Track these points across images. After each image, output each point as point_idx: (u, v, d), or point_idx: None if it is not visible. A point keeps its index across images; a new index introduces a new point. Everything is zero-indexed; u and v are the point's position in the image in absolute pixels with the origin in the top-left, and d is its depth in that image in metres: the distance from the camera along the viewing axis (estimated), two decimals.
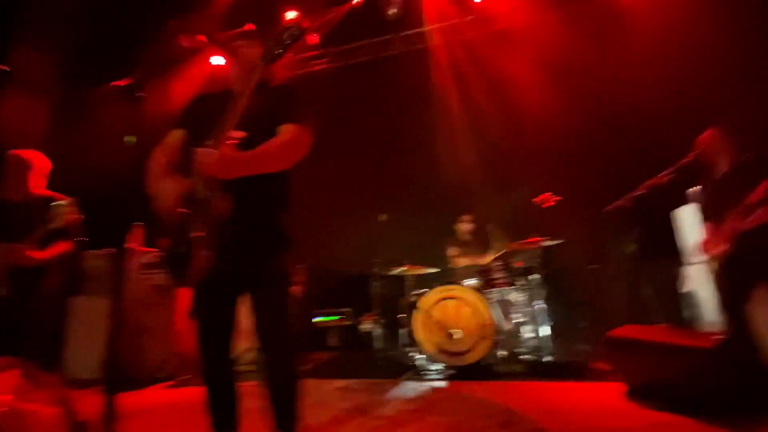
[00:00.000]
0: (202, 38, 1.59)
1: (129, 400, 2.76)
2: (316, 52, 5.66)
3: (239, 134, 1.40)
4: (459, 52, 5.35)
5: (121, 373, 1.46)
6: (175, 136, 1.64)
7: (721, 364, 1.88)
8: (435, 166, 5.18)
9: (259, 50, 1.68)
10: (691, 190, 3.19)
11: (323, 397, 2.71)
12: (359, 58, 5.66)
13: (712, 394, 1.93)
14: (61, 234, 2.12)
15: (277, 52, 1.41)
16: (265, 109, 1.52)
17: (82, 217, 2.25)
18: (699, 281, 3.32)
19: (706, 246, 2.62)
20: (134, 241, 3.62)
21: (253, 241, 1.50)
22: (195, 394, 1.61)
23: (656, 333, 2.36)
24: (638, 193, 2.90)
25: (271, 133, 1.49)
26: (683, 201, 3.40)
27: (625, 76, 4.39)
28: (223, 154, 1.35)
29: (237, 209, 1.41)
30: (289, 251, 1.58)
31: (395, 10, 5.08)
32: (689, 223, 3.40)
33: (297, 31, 1.38)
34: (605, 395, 2.42)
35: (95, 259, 3.70)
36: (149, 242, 3.39)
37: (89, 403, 1.94)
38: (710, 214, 2.67)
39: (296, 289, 4.49)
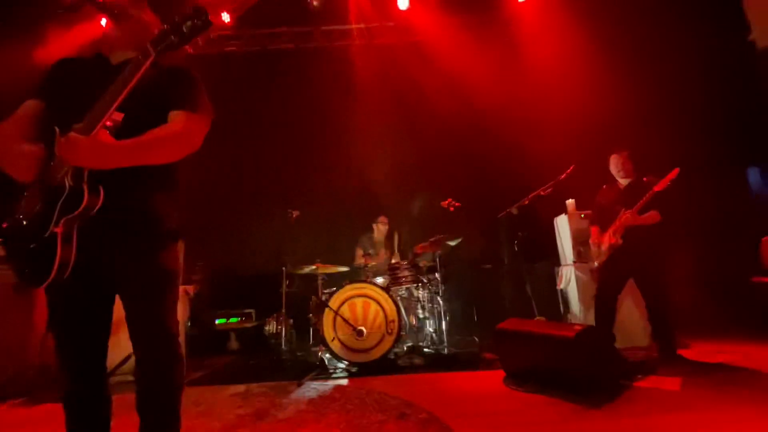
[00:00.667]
0: None
1: None
2: (229, 32, 5.26)
3: (117, 116, 1.19)
4: (378, 55, 5.46)
5: None
6: (31, 107, 1.36)
7: (579, 350, 2.22)
8: (349, 166, 5.22)
9: (149, 16, 1.50)
10: (568, 201, 3.74)
11: (218, 403, 2.54)
12: (277, 45, 5.41)
13: (572, 375, 2.26)
14: None
15: (172, 41, 1.19)
16: (153, 90, 1.31)
17: None
18: (570, 280, 3.88)
19: (594, 241, 3.09)
20: None
21: (126, 236, 1.29)
22: (52, 412, 1.37)
23: (532, 325, 2.70)
24: (524, 202, 3.29)
25: (156, 117, 1.30)
26: (561, 210, 3.96)
27: (521, 97, 4.95)
28: (97, 141, 1.13)
29: (108, 200, 1.22)
30: (172, 246, 1.39)
31: (317, 2, 4.98)
32: (565, 229, 3.95)
33: (201, 23, 1.18)
34: (490, 382, 2.68)
35: None
36: None
37: None
38: (600, 218, 3.16)
39: (189, 288, 4.17)
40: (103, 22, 4.57)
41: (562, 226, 4.03)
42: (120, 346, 2.10)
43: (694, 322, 3.72)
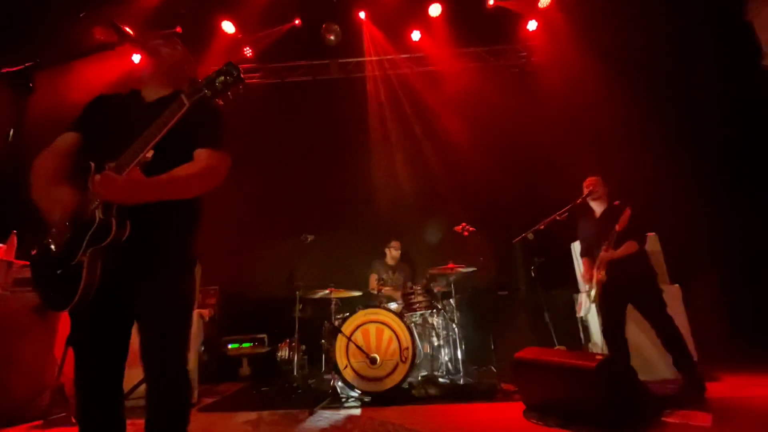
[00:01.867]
0: (116, 37, 1.44)
1: None
2: (249, 65, 5.54)
3: (147, 153, 1.27)
4: (393, 86, 5.64)
5: None
6: (67, 139, 1.44)
7: (600, 382, 2.12)
8: (363, 191, 5.28)
9: (181, 53, 1.61)
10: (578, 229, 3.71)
11: (229, 431, 2.49)
12: (294, 77, 5.65)
13: (595, 408, 2.15)
14: None
15: (205, 94, 1.29)
16: (180, 126, 1.37)
17: None
18: (589, 307, 3.76)
19: (585, 277, 3.13)
20: (7, 251, 3.08)
21: (148, 264, 1.35)
22: None
23: (551, 354, 2.60)
24: (540, 227, 3.26)
25: (183, 154, 1.38)
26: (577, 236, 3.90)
27: (535, 122, 5.00)
28: (130, 180, 1.21)
29: (133, 232, 1.28)
30: (190, 273, 1.44)
31: (334, 37, 5.22)
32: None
33: (232, 79, 1.28)
34: (509, 414, 2.58)
35: None
36: (25, 254, 2.92)
37: None
38: (588, 250, 3.20)
39: (204, 312, 4.19)
40: (137, 58, 4.89)
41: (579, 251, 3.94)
42: (135, 371, 2.11)
43: (723, 355, 3.54)
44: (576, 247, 4.10)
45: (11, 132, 1.07)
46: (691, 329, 3.23)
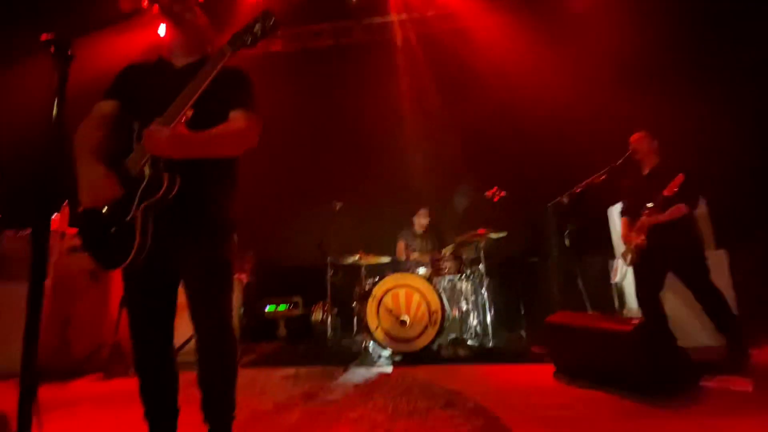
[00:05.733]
0: (145, 2, 1.46)
1: (54, 393, 2.57)
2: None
3: (188, 111, 1.32)
4: (420, 46, 5.39)
5: (45, 364, 1.33)
6: (106, 107, 1.49)
7: (636, 345, 2.09)
8: (391, 157, 5.22)
9: (203, 20, 1.61)
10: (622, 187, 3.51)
11: (269, 384, 2.67)
12: (317, 43, 5.52)
13: (629, 371, 2.13)
14: None
15: (245, 41, 1.34)
16: (214, 89, 1.41)
17: None
18: (625, 273, 3.65)
19: (625, 238, 2.93)
20: (60, 221, 3.31)
21: (192, 225, 1.42)
22: (128, 386, 1.51)
23: (585, 319, 2.57)
24: (576, 190, 3.12)
25: (218, 115, 1.42)
26: (617, 199, 3.72)
27: (572, 79, 4.68)
28: (177, 132, 1.27)
29: (180, 189, 1.33)
30: (230, 237, 1.52)
31: None
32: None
33: (270, 25, 1.33)
34: (540, 376, 2.60)
35: (13, 241, 3.35)
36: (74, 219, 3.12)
37: (6, 397, 1.76)
38: (629, 209, 2.99)
39: (242, 277, 4.39)
40: (162, 28, 4.91)
41: (617, 215, 3.78)
42: (185, 325, 2.25)
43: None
44: (613, 211, 3.93)
45: (56, 101, 1.11)
46: (736, 297, 3.08)
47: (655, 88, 4.32)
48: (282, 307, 4.71)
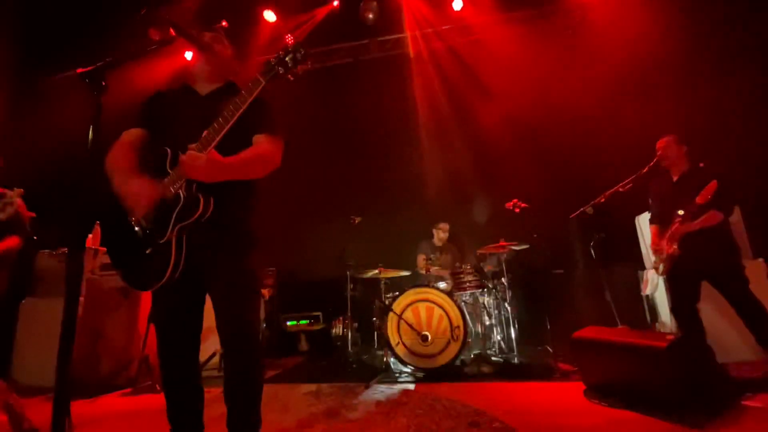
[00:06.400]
0: (173, 32, 1.56)
1: (83, 408, 2.64)
2: None
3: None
4: (436, 60, 5.44)
5: (75, 380, 1.37)
6: (134, 134, 1.57)
7: (672, 363, 1.98)
8: (409, 170, 5.23)
9: (229, 50, 1.69)
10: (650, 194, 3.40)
11: (292, 401, 2.66)
12: (335, 61, 5.65)
13: (665, 391, 2.02)
14: (7, 228, 1.98)
15: (278, 72, 1.43)
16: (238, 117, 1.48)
17: (33, 214, 2.12)
18: (657, 284, 3.50)
19: (655, 248, 2.81)
20: (93, 240, 3.45)
21: (221, 242, 1.47)
22: (155, 402, 1.54)
23: (615, 334, 2.46)
24: (600, 200, 3.04)
25: (243, 140, 1.48)
26: (644, 207, 3.60)
27: (589, 89, 4.61)
28: (212, 158, 1.34)
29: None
30: (255, 252, 1.55)
31: (372, 15, 5.13)
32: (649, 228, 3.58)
33: (301, 56, 1.43)
34: (568, 394, 2.50)
35: (48, 259, 3.51)
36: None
37: (39, 411, 1.82)
38: (659, 216, 2.87)
39: (265, 292, 4.44)
40: (189, 55, 5.14)
41: (645, 224, 3.65)
42: (208, 347, 2.29)
43: None
44: (641, 220, 3.80)
45: (91, 128, 1.17)
46: None
47: (681, 92, 4.20)
48: (303, 322, 4.73)
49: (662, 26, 4.32)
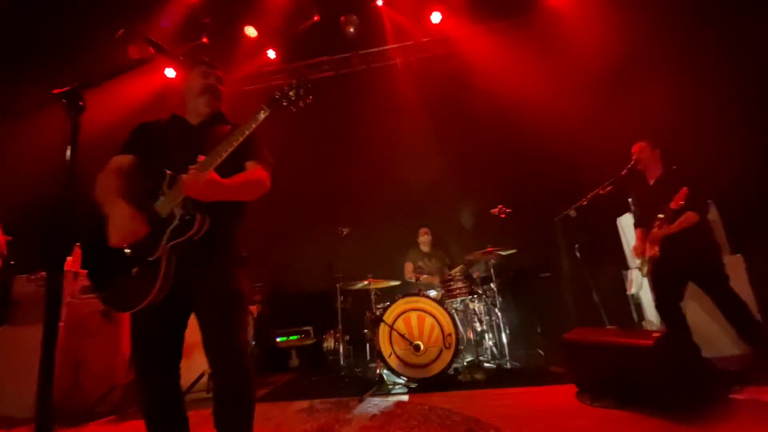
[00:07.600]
0: (152, 51, 1.58)
1: None
2: (274, 68, 5.64)
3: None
4: (416, 71, 5.53)
5: (56, 409, 1.32)
6: (123, 161, 1.58)
7: (660, 359, 2.01)
8: (395, 180, 5.26)
9: (220, 76, 1.76)
10: (630, 198, 3.49)
11: (285, 419, 2.60)
12: (318, 74, 5.69)
13: (654, 387, 2.05)
14: None
15: (282, 105, 1.53)
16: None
17: (9, 237, 2.06)
18: (641, 283, 3.57)
19: (637, 250, 2.91)
20: (72, 263, 3.35)
21: (209, 261, 1.47)
22: (141, 428, 1.48)
23: (603, 334, 2.50)
24: (582, 203, 3.11)
25: (235, 165, 1.53)
26: (625, 209, 3.69)
27: (569, 92, 4.74)
28: (212, 178, 1.38)
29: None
30: (243, 271, 1.55)
31: (353, 29, 5.20)
32: (630, 229, 3.66)
33: (304, 91, 1.54)
34: (562, 397, 2.51)
35: (26, 284, 3.39)
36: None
37: None
38: (641, 220, 2.97)
39: (253, 309, 4.37)
40: (170, 72, 5.10)
41: (627, 225, 3.75)
42: (193, 366, 2.22)
43: None
44: (623, 221, 3.89)
45: (69, 148, 1.15)
46: (756, 301, 3.00)
47: (656, 92, 4.32)
48: (293, 337, 4.65)
49: (634, 29, 4.47)
